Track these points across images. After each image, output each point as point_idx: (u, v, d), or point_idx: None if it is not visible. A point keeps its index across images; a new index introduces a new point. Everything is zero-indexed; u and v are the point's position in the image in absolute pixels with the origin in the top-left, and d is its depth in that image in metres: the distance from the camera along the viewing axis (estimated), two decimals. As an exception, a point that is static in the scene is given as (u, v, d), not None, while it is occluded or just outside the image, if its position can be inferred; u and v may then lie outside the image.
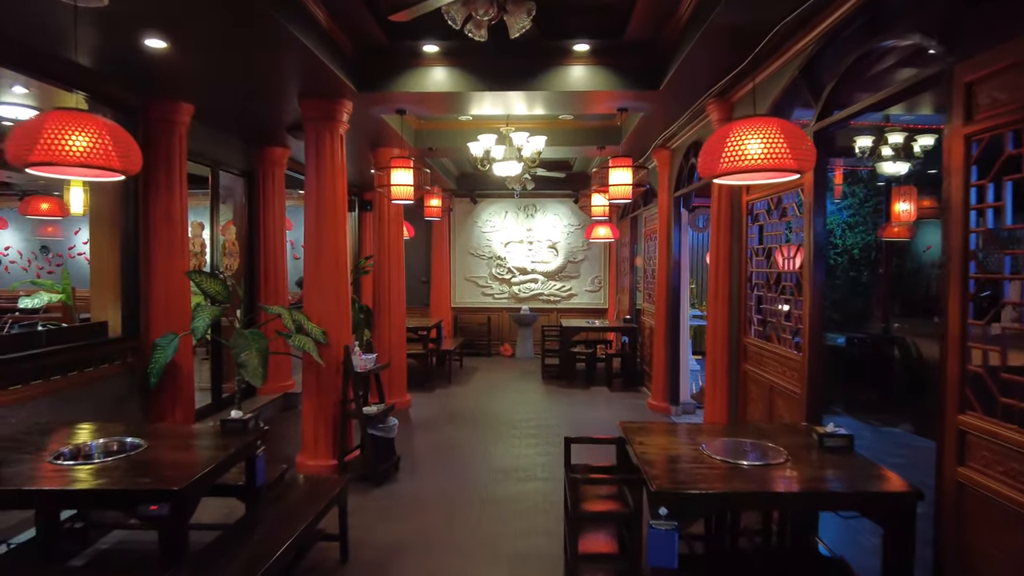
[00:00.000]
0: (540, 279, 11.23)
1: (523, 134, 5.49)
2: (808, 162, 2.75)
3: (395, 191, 5.15)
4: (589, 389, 8.26)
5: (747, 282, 4.61)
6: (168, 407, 4.98)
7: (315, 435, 4.90)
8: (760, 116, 2.81)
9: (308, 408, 4.92)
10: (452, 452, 5.47)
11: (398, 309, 7.00)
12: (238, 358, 4.38)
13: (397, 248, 6.98)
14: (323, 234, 4.89)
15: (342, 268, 4.96)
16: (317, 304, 4.90)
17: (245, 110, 5.57)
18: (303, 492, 3.43)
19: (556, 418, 6.69)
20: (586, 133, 6.88)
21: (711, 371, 4.90)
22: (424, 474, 4.91)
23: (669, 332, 6.82)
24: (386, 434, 4.75)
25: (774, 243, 4.20)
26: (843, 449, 2.87)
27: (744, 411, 4.62)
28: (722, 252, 4.84)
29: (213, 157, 6.16)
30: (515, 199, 11.06)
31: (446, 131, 6.94)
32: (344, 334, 4.94)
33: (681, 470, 2.63)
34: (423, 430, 6.26)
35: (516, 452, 5.45)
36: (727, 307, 4.83)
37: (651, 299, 8.10)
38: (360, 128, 5.95)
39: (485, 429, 6.24)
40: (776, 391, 4.03)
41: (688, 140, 6.14)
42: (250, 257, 6.90)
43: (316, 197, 4.91)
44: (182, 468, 2.66)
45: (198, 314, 4.51)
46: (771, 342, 4.19)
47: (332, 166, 4.94)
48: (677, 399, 6.83)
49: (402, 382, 7.12)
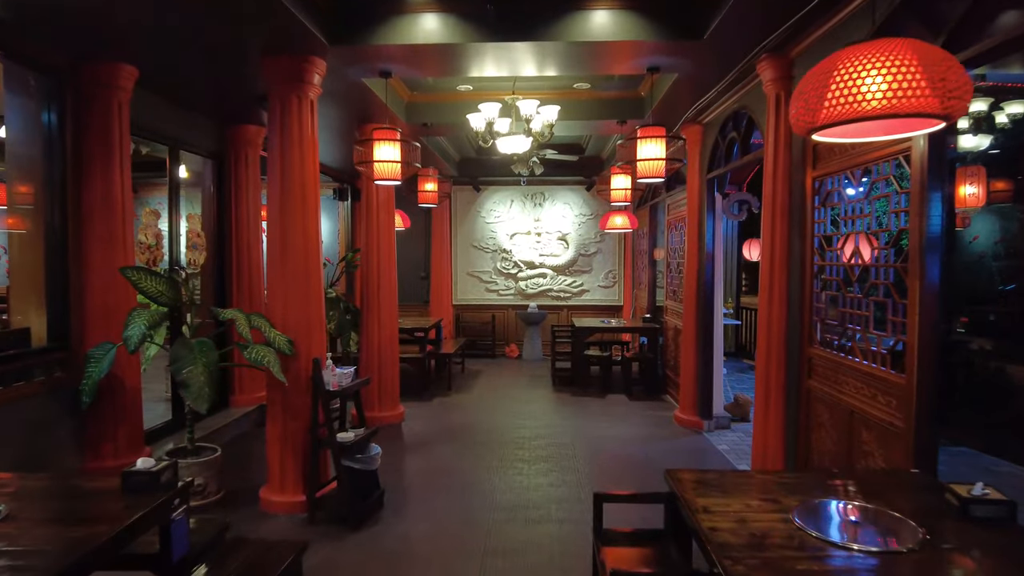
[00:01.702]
0: (549, 274, 10.34)
1: (532, 102, 4.60)
2: (959, 103, 1.86)
3: (379, 169, 4.27)
4: (605, 397, 7.38)
5: (812, 278, 3.72)
6: (108, 431, 4.15)
7: (281, 466, 4.05)
8: (884, 38, 1.92)
9: (273, 433, 4.06)
10: (449, 481, 4.61)
11: (389, 308, 6.14)
12: (178, 375, 3.52)
13: (387, 239, 6.10)
14: (289, 220, 4.02)
15: (313, 262, 4.09)
16: (282, 306, 4.03)
17: (206, 78, 4.69)
18: (243, 564, 2.57)
19: (570, 434, 5.82)
20: (604, 105, 5.96)
21: (763, 387, 4.01)
22: (414, 512, 4.05)
23: (700, 335, 5.93)
24: (366, 466, 3.89)
25: (857, 229, 3.30)
26: (1000, 522, 1.99)
27: (807, 439, 3.74)
28: (778, 242, 3.94)
29: (172, 135, 5.29)
30: (522, 186, 10.16)
31: (443, 104, 6.04)
32: (316, 343, 4.08)
33: (776, 564, 1.75)
34: (416, 451, 5.40)
35: (525, 481, 4.58)
36: (783, 309, 3.94)
37: (675, 296, 7.21)
38: (340, 98, 5.07)
39: (488, 449, 5.37)
40: (861, 420, 3.14)
41: (726, 111, 5.23)
42: (220, 251, 6.05)
43: (281, 175, 4.04)
44: (40, 557, 1.80)
45: (133, 320, 3.66)
46: (852, 356, 3.29)
47: (300, 138, 4.06)
48: (710, 412, 5.94)
49: (394, 392, 6.26)
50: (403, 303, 9.97)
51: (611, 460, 5.14)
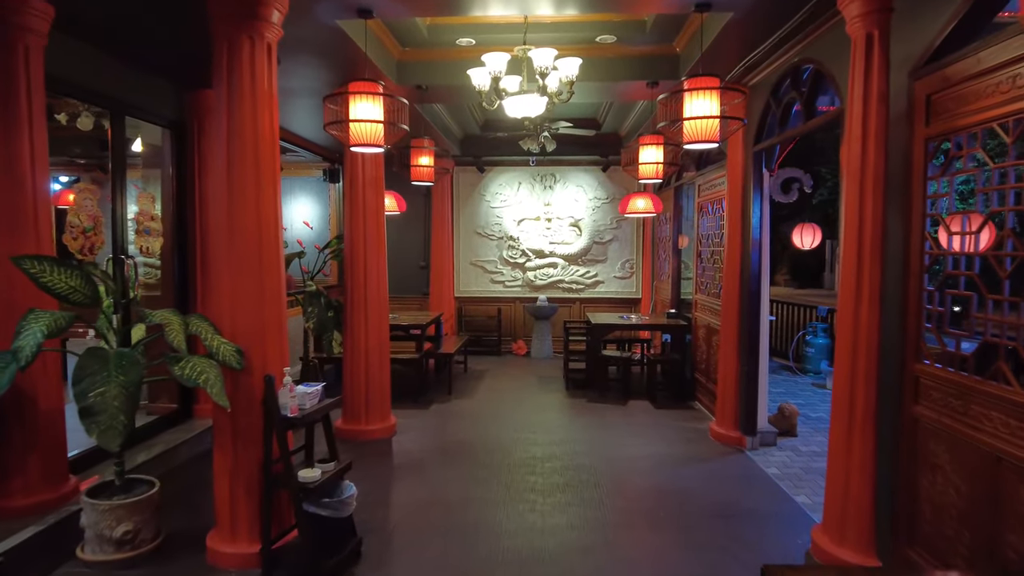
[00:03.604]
0: (560, 263, 9.43)
1: (548, 51, 3.68)
2: None
3: (356, 131, 3.37)
4: (627, 404, 6.50)
5: (922, 272, 2.81)
6: (14, 463, 3.31)
7: (232, 507, 3.19)
8: None
9: (221, 465, 3.20)
10: (445, 520, 3.75)
11: (378, 303, 5.25)
12: (82, 398, 2.64)
13: (376, 223, 5.20)
14: (238, 196, 3.13)
15: (269, 250, 3.21)
16: (229, 307, 3.15)
17: (142, 22, 3.80)
18: None
19: (590, 453, 4.95)
20: (632, 63, 5.02)
21: (844, 413, 3.10)
22: (399, 570, 3.20)
23: (743, 336, 5.03)
24: (336, 512, 3.03)
25: (1012, 205, 2.39)
26: None
27: (911, 484, 2.84)
28: (868, 225, 3.02)
29: (113, 96, 4.40)
30: (531, 167, 9.23)
31: (440, 64, 5.11)
32: (274, 353, 3.20)
33: None
34: (407, 476, 4.55)
35: (539, 522, 3.71)
36: (874, 312, 3.03)
37: (706, 289, 6.30)
38: (315, 50, 4.17)
39: (493, 474, 4.51)
40: (1017, 471, 2.24)
41: (782, 67, 4.29)
42: (182, 239, 5.18)
43: (228, 139, 3.14)
44: None
45: (27, 325, 2.79)
46: (993, 381, 2.39)
47: (254, 91, 3.16)
48: (753, 427, 5.05)
49: (384, 400, 5.40)
50: (402, 295, 9.11)
51: (642, 490, 4.27)
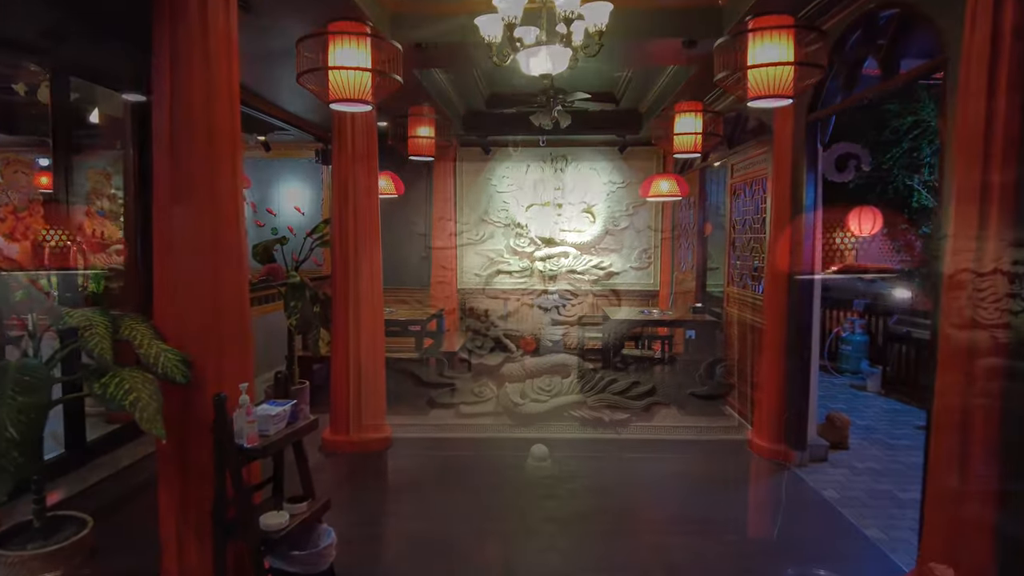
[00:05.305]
0: (572, 252, 8.73)
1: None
2: None
3: (337, 82, 2.68)
4: (650, 409, 5.83)
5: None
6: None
7: (179, 559, 2.53)
8: None
9: (167, 503, 2.55)
10: (445, 565, 3.09)
11: (370, 296, 4.57)
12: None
13: (367, 204, 4.51)
14: (184, 169, 2.46)
15: (227, 236, 2.53)
16: (172, 306, 2.49)
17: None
18: None
19: (616, 471, 4.29)
20: (667, 18, 4.28)
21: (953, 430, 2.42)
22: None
23: (792, 336, 4.34)
24: (309, 568, 2.37)
25: None
26: None
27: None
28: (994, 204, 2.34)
29: (48, 50, 3.70)
30: (540, 147, 8.51)
31: (442, 18, 4.38)
32: (231, 363, 2.53)
33: None
34: (401, 501, 3.89)
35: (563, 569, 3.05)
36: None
37: (741, 282, 5.62)
38: None
39: (503, 498, 3.85)
40: None
41: (851, 15, 3.59)
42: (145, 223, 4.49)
43: (171, 99, 2.47)
44: None
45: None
46: None
47: (204, 34, 2.47)
48: (803, 440, 4.38)
49: (377, 408, 4.73)
50: (401, 287, 8.44)
51: (683, 522, 3.59)
